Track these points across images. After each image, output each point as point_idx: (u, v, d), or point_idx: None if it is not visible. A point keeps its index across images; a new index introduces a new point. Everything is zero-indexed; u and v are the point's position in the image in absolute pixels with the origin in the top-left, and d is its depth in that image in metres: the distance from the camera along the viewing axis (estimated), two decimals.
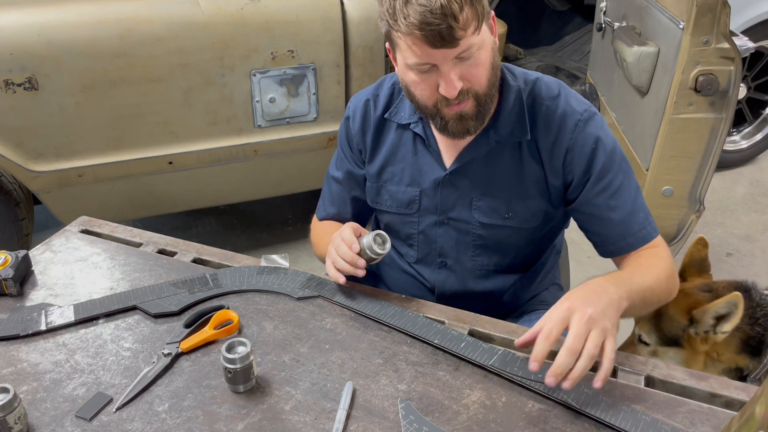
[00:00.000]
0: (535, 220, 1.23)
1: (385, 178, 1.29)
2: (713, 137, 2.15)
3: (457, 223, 1.25)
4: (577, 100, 1.19)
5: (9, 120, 2.02)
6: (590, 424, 0.91)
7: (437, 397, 0.96)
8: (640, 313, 1.11)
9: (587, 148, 1.16)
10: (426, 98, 1.09)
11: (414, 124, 1.23)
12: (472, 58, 1.04)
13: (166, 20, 2.08)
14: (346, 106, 1.34)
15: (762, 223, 3.03)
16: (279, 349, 1.05)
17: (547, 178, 1.19)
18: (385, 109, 1.27)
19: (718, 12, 1.96)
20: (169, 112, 2.19)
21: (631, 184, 1.19)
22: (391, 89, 1.28)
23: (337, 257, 1.15)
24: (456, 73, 1.04)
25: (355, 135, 1.30)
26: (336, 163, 1.38)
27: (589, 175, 1.17)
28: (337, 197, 1.39)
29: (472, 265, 1.29)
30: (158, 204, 2.42)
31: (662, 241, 1.21)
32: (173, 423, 0.92)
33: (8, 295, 1.18)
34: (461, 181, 1.22)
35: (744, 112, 3.36)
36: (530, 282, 1.35)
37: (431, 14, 0.97)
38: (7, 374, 1.00)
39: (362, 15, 2.30)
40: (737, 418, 0.75)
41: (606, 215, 1.18)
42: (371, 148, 1.29)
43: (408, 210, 1.28)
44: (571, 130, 1.16)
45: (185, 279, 1.20)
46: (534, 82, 1.20)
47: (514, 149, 1.19)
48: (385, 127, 1.28)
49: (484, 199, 1.22)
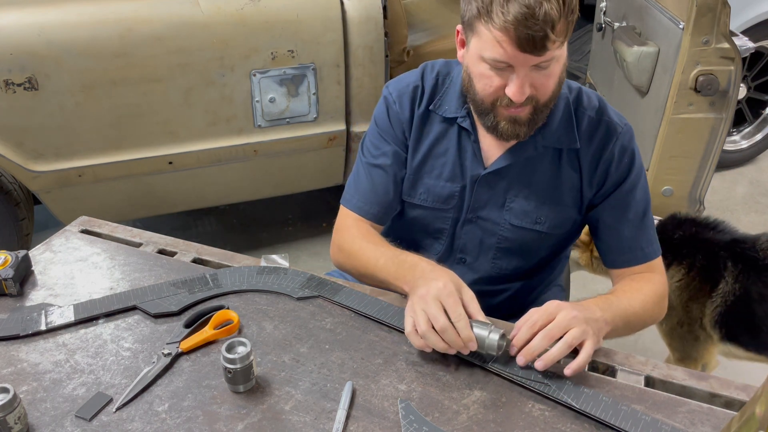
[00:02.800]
0: (564, 227, 1.24)
1: (425, 171, 1.25)
2: (713, 137, 2.15)
3: (485, 222, 1.24)
4: (616, 113, 1.21)
5: (9, 120, 2.02)
6: (590, 424, 0.91)
7: (437, 397, 0.96)
8: (622, 335, 1.14)
9: (625, 162, 1.18)
10: (488, 94, 1.08)
11: (462, 118, 1.20)
12: (548, 69, 1.03)
13: (166, 20, 2.08)
14: (384, 90, 1.27)
15: (762, 223, 3.03)
16: (279, 349, 1.05)
17: (583, 188, 1.20)
18: (429, 99, 1.23)
19: (718, 12, 1.97)
20: (169, 112, 2.19)
21: (648, 201, 1.21)
22: (434, 79, 1.23)
23: (431, 337, 0.97)
24: (529, 79, 1.03)
25: (404, 121, 1.24)
26: (370, 148, 1.28)
27: (618, 187, 1.18)
28: (379, 186, 1.26)
29: (491, 266, 1.28)
30: (158, 204, 2.42)
31: (661, 263, 1.23)
32: (173, 423, 0.92)
33: (8, 295, 1.17)
34: (498, 182, 1.21)
35: (744, 112, 3.36)
36: (538, 284, 1.36)
37: (533, 18, 0.95)
38: (7, 374, 1.00)
39: (362, 15, 2.30)
40: (737, 418, 0.75)
41: (621, 227, 1.20)
42: (414, 138, 1.25)
43: (445, 205, 1.25)
44: (612, 142, 1.17)
45: (185, 279, 1.20)
46: (577, 91, 1.20)
47: (554, 156, 1.19)
48: (429, 118, 1.24)
49: (517, 201, 1.21)
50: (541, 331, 0.98)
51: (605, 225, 1.22)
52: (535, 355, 0.97)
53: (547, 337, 0.97)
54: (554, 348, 0.96)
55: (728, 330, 1.66)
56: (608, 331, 1.06)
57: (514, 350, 0.99)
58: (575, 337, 0.96)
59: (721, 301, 1.63)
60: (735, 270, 1.62)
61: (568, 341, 0.96)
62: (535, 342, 0.97)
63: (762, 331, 1.61)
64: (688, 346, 1.74)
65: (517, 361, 0.98)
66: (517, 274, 1.30)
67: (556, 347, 0.96)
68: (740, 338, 1.66)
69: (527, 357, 0.97)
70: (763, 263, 1.61)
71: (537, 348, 0.97)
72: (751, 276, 1.61)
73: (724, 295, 1.63)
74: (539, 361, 0.96)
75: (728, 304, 1.62)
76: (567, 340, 0.96)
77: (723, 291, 1.63)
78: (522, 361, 0.97)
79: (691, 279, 1.67)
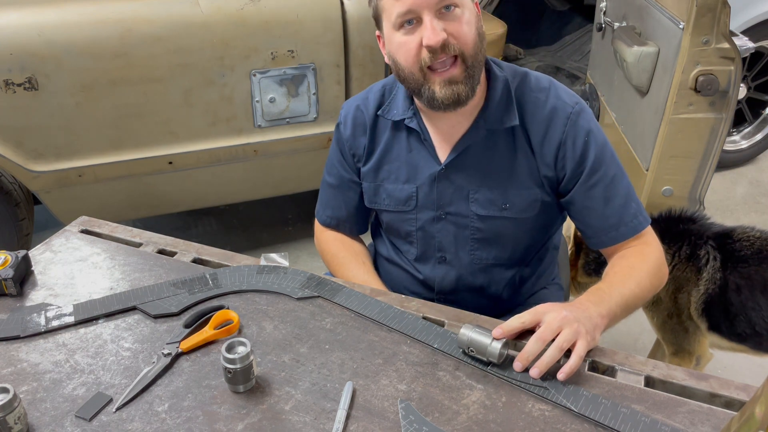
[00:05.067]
0: (532, 209, 1.24)
1: (381, 177, 1.30)
2: (713, 137, 2.15)
3: (455, 217, 1.26)
4: (567, 93, 1.21)
5: (9, 120, 2.02)
6: (590, 424, 0.91)
7: (437, 397, 0.96)
8: (625, 317, 1.15)
9: (579, 141, 1.17)
10: (411, 59, 1.10)
11: (408, 119, 1.23)
12: (454, 12, 1.07)
13: (166, 20, 2.08)
14: (340, 112, 1.35)
15: (762, 223, 3.01)
16: (279, 349, 1.05)
17: (539, 168, 1.21)
18: (376, 108, 1.28)
19: (718, 12, 1.96)
20: (169, 112, 2.19)
21: (623, 175, 1.21)
22: (381, 90, 1.30)
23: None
24: (441, 25, 1.07)
25: (347, 140, 1.31)
26: (328, 168, 1.39)
27: (582, 168, 1.18)
28: (333, 201, 1.40)
29: (470, 259, 1.29)
30: (158, 204, 2.42)
31: (651, 231, 1.23)
32: (173, 423, 0.92)
33: (8, 295, 1.18)
34: (457, 175, 1.23)
35: (744, 112, 3.36)
36: (529, 276, 1.36)
37: None
38: (7, 374, 1.00)
39: (362, 15, 2.30)
40: (737, 418, 0.75)
41: (601, 207, 1.20)
42: (367, 149, 1.30)
43: (405, 207, 1.29)
44: (563, 123, 1.18)
45: (185, 279, 1.20)
46: (523, 74, 1.22)
47: (507, 141, 1.20)
48: (379, 126, 1.28)
49: (480, 191, 1.23)
50: (534, 334, 0.99)
51: (583, 207, 1.21)
52: (531, 360, 0.97)
53: (540, 340, 0.98)
54: (546, 354, 0.97)
55: (711, 320, 1.71)
56: (606, 323, 1.06)
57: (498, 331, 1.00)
58: (566, 340, 0.97)
59: (704, 290, 1.68)
60: (715, 262, 1.67)
61: (559, 345, 0.97)
62: (528, 347, 0.98)
63: (739, 321, 1.66)
64: (680, 338, 1.78)
65: (514, 366, 0.99)
66: (500, 264, 1.30)
67: (548, 353, 0.97)
68: (721, 328, 1.71)
69: (523, 362, 0.98)
70: (739, 254, 1.66)
71: (531, 353, 0.97)
72: (728, 267, 1.66)
73: (706, 283, 1.68)
74: (534, 369, 0.97)
75: (710, 292, 1.68)
76: (558, 343, 0.97)
77: (705, 280, 1.68)
78: (519, 367, 0.98)
79: (676, 270, 1.70)
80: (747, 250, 1.66)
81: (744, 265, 1.65)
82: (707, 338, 1.76)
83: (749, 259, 1.65)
